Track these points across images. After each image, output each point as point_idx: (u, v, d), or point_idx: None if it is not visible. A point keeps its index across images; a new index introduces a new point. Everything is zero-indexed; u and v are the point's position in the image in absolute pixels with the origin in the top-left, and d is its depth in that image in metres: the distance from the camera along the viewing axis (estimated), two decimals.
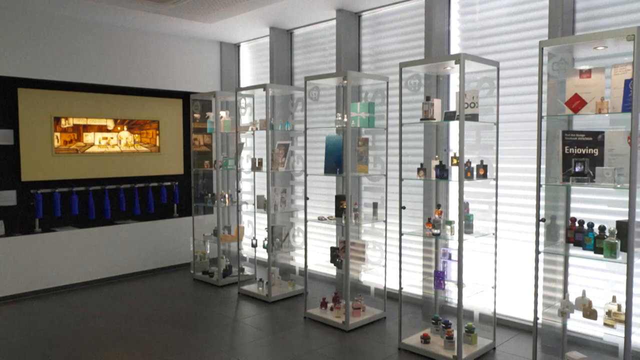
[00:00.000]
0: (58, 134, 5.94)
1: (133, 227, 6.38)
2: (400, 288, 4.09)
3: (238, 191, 5.78)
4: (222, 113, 6.09)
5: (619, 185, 3.00)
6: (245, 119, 6.18)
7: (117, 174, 6.43)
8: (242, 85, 7.33)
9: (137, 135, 6.59)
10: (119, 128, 6.43)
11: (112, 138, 6.38)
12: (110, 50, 6.15)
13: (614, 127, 3.18)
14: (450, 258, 4.03)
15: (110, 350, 4.06)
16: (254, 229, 5.96)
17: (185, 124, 6.99)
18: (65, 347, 4.13)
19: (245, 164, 6.00)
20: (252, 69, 7.21)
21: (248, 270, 6.21)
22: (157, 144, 6.78)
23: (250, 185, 5.99)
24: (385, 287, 4.79)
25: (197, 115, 6.43)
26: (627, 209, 2.89)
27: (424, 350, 3.90)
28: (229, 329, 4.54)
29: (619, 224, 3.06)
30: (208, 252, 6.54)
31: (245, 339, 4.31)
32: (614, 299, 3.20)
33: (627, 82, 2.97)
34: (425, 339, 3.98)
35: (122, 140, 6.46)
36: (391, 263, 4.74)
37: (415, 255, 4.90)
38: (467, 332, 3.93)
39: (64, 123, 5.98)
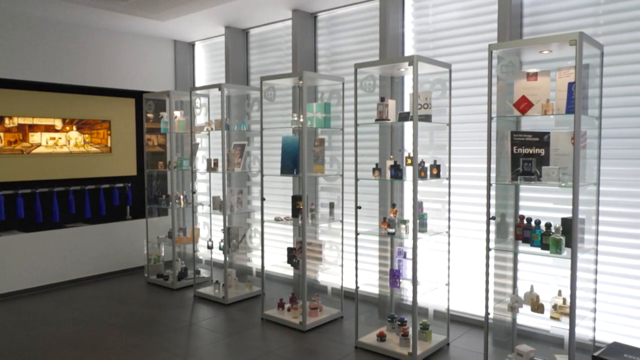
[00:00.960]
0: (1, 133, 5.68)
1: (83, 231, 6.17)
2: (357, 287, 4.12)
3: (193, 192, 5.68)
4: (177, 113, 5.98)
5: (563, 184, 3.12)
6: (200, 119, 6.09)
7: (66, 176, 6.20)
8: (197, 84, 7.21)
9: (87, 135, 6.38)
10: (67, 128, 6.21)
11: (60, 138, 6.15)
12: (59, 47, 5.93)
13: (559, 128, 3.31)
14: (405, 256, 4.10)
15: (61, 358, 3.91)
16: (210, 230, 5.88)
17: (138, 123, 6.82)
18: (12, 357, 3.95)
19: (201, 164, 5.91)
20: (207, 68, 7.11)
21: (204, 273, 6.12)
22: (109, 145, 6.58)
23: (206, 186, 5.90)
24: (342, 286, 4.82)
25: (150, 115, 6.29)
26: (571, 207, 3.02)
27: (380, 348, 3.95)
28: (185, 333, 4.46)
29: (564, 221, 3.19)
30: (163, 254, 6.40)
31: (201, 342, 4.24)
32: (559, 293, 3.33)
33: (571, 85, 3.10)
34: (382, 337, 4.03)
35: (71, 140, 6.24)
36: (348, 262, 4.77)
37: (372, 254, 4.95)
38: (421, 329, 4.00)
39: (7, 122, 5.72)
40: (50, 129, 6.06)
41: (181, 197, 6.00)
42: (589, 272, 3.51)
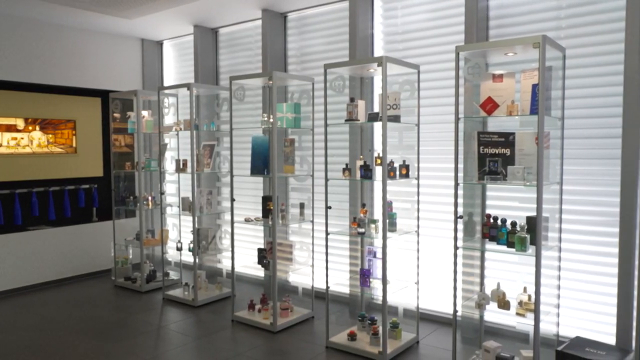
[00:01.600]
0: None
1: (47, 233, 6.01)
2: (327, 287, 4.13)
3: (162, 193, 5.60)
4: (144, 112, 5.88)
5: (528, 183, 3.20)
6: (169, 119, 6.00)
7: (29, 177, 6.02)
8: (166, 84, 7.11)
9: (51, 135, 6.21)
10: (30, 128, 6.03)
11: (22, 138, 5.97)
12: (21, 45, 5.76)
13: (524, 129, 3.39)
14: (375, 256, 4.13)
15: None
16: (179, 232, 5.80)
17: (105, 123, 6.67)
18: None
19: (169, 165, 5.83)
20: (176, 67, 7.02)
21: (173, 275, 6.03)
22: (74, 145, 6.42)
23: (175, 187, 5.82)
24: (312, 286, 4.82)
25: (117, 115, 6.17)
26: (535, 205, 3.09)
27: (351, 347, 3.97)
28: (153, 336, 4.38)
29: (529, 219, 3.26)
30: (130, 257, 6.28)
31: (170, 346, 4.18)
32: (524, 289, 3.41)
33: (534, 87, 3.18)
34: (352, 337, 4.05)
35: (34, 140, 6.07)
36: (318, 263, 4.78)
37: (342, 254, 4.97)
38: (391, 328, 4.04)
39: None
40: (11, 128, 5.88)
41: (149, 198, 5.90)
42: (553, 268, 3.60)
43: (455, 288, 3.49)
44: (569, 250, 3.83)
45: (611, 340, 3.59)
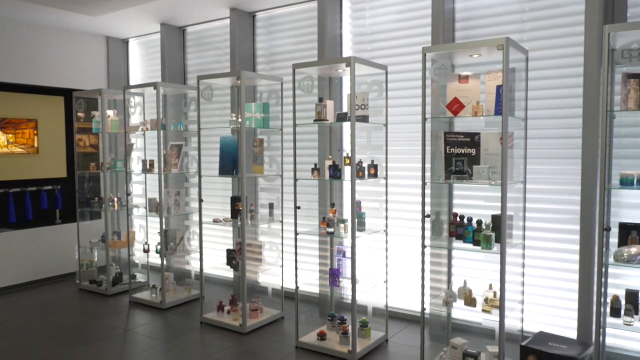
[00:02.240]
0: None
1: (8, 237, 5.82)
2: (297, 287, 4.12)
3: (128, 194, 5.49)
4: (110, 112, 5.76)
5: (493, 183, 3.27)
6: (135, 119, 5.90)
7: None
8: (132, 83, 6.98)
9: (11, 135, 6.01)
10: None
11: None
12: None
13: (489, 129, 3.46)
14: (344, 256, 4.15)
15: None
16: (146, 233, 5.70)
17: (68, 123, 6.50)
18: None
19: (136, 165, 5.72)
20: (142, 66, 6.89)
21: (140, 278, 5.93)
22: (36, 145, 6.24)
23: (142, 188, 5.72)
24: (282, 287, 4.81)
25: (81, 115, 6.02)
26: (500, 204, 3.16)
27: (321, 347, 3.98)
28: (120, 340, 4.30)
29: (494, 218, 3.33)
30: (96, 260, 6.14)
31: (137, 350, 4.10)
32: (490, 287, 3.48)
33: (499, 88, 3.25)
34: (322, 336, 4.05)
35: None
36: (288, 263, 4.77)
37: (312, 254, 4.97)
38: (361, 327, 4.06)
39: None
40: None
41: (115, 199, 5.78)
42: (518, 266, 3.69)
43: (423, 286, 3.54)
44: (533, 248, 3.92)
45: (573, 334, 3.69)
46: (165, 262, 5.19)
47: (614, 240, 3.19)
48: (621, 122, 3.48)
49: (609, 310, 3.11)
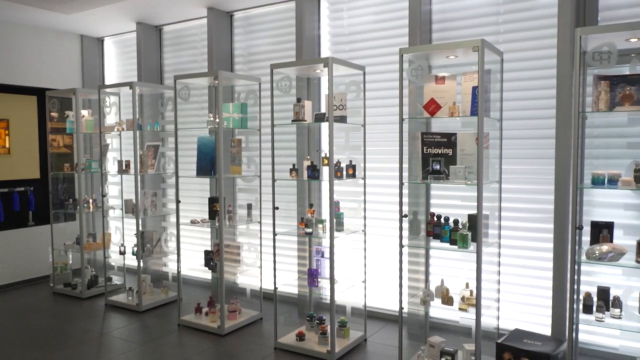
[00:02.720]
0: None
1: None
2: (275, 288, 4.11)
3: (103, 196, 5.40)
4: (84, 112, 5.66)
5: (469, 182, 3.31)
6: (110, 119, 5.80)
7: None
8: (107, 82, 6.87)
9: None
10: None
11: None
12: None
13: (465, 129, 3.50)
14: (323, 256, 4.15)
15: None
16: (122, 235, 5.61)
17: (41, 123, 6.36)
18: None
19: (112, 166, 5.63)
20: (118, 65, 6.79)
21: (116, 280, 5.84)
22: (7, 145, 6.09)
23: (118, 189, 5.63)
24: (261, 288, 4.79)
25: (54, 114, 5.90)
26: (476, 203, 3.20)
27: (299, 347, 3.97)
28: (95, 344, 4.22)
29: (470, 217, 3.38)
30: (70, 262, 6.03)
31: (113, 353, 4.04)
32: (467, 285, 3.52)
33: (474, 89, 3.29)
34: (301, 337, 4.05)
35: None
36: (266, 264, 4.75)
37: (290, 254, 4.97)
38: (340, 327, 4.07)
39: None
40: None
41: (90, 201, 5.68)
42: (493, 264, 3.74)
43: (401, 285, 3.56)
44: (508, 247, 3.98)
45: (548, 331, 3.76)
46: (141, 264, 5.12)
47: (586, 238, 3.26)
48: (593, 123, 3.57)
49: (581, 306, 3.17)
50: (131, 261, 5.26)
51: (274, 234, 4.09)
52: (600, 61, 2.97)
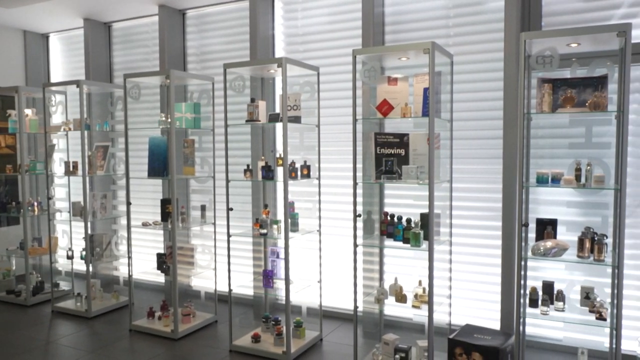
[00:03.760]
0: None
1: None
2: (230, 290, 4.07)
3: (49, 198, 5.19)
4: (28, 111, 5.42)
5: (421, 182, 3.37)
6: (56, 118, 5.59)
7: None
8: (53, 80, 6.61)
9: None
10: None
11: None
12: None
13: (417, 130, 3.57)
14: (278, 256, 4.14)
15: None
16: (70, 239, 5.42)
17: None
18: None
19: (58, 167, 5.42)
20: (64, 63, 6.54)
21: (64, 285, 5.62)
22: None
23: (65, 191, 5.42)
24: (215, 290, 4.73)
25: None
26: (427, 202, 3.27)
27: (255, 349, 3.94)
28: (40, 353, 4.05)
29: (422, 215, 3.44)
30: (14, 268, 5.77)
31: None
32: (420, 282, 3.59)
33: (425, 90, 3.35)
34: (256, 338, 4.02)
35: None
36: (221, 265, 4.69)
37: (245, 256, 4.92)
38: (295, 327, 4.07)
39: None
40: None
41: (35, 203, 5.44)
42: (445, 262, 3.83)
43: (355, 284, 3.59)
44: (459, 244, 4.09)
45: (497, 325, 3.89)
46: (90, 268, 4.95)
47: (532, 234, 3.38)
48: (537, 124, 3.71)
49: (527, 301, 3.29)
50: (79, 266, 5.08)
51: (228, 236, 4.04)
52: (544, 65, 3.09)
